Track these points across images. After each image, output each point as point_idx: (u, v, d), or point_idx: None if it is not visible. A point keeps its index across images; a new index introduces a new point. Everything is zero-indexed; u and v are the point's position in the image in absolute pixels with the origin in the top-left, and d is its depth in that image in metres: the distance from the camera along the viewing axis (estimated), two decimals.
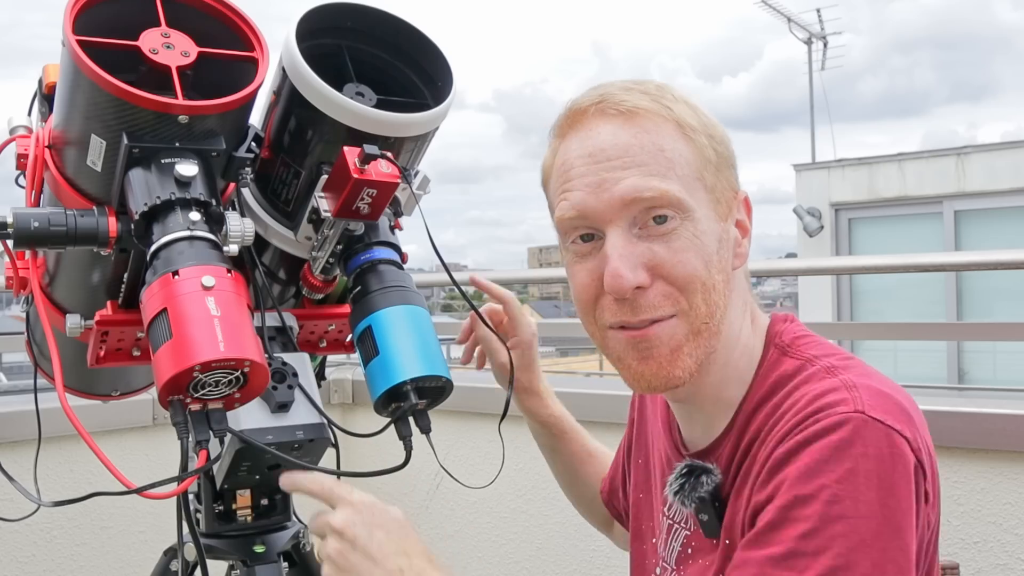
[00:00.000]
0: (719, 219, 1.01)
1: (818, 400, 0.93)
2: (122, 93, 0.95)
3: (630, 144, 0.98)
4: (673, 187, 0.97)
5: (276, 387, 1.10)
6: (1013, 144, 9.01)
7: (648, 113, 0.99)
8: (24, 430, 1.87)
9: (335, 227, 1.10)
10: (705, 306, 0.99)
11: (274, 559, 1.23)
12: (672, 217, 0.97)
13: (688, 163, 0.99)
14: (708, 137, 1.00)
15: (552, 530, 2.28)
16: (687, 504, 1.02)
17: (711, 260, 0.99)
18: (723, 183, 1.02)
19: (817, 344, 1.04)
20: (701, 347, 1.00)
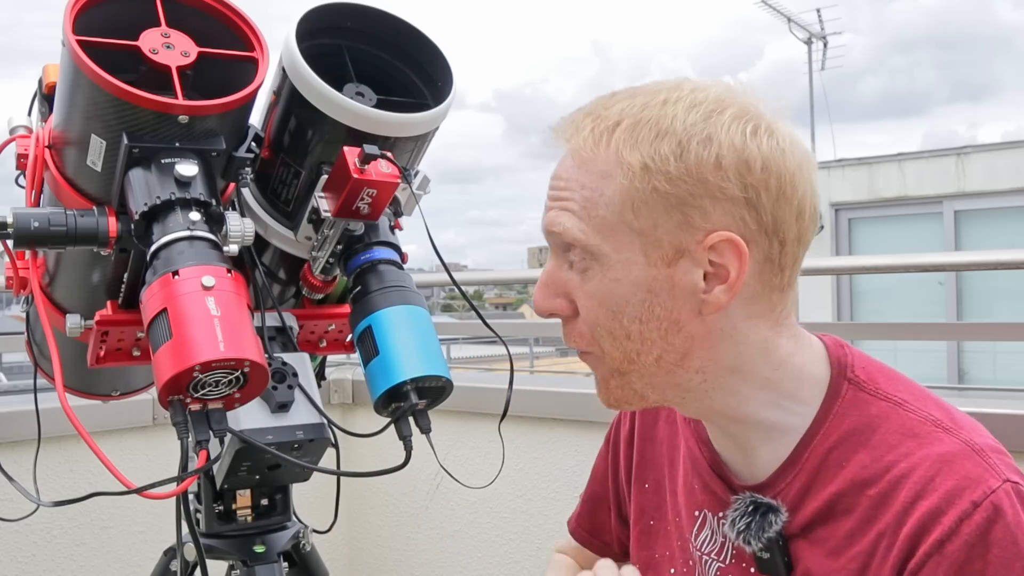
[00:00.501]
0: (652, 264, 0.92)
1: (953, 472, 0.88)
2: (122, 93, 0.95)
3: (563, 179, 0.96)
4: (579, 229, 0.93)
5: (276, 387, 1.10)
6: (1013, 144, 9.01)
7: (584, 151, 0.94)
8: (24, 430, 1.86)
9: (335, 227, 1.10)
10: (618, 352, 0.95)
11: (274, 559, 1.23)
12: (585, 258, 0.94)
13: (608, 204, 0.92)
14: (658, 173, 0.89)
15: (552, 530, 2.28)
16: (751, 543, 0.97)
17: (622, 309, 0.93)
18: (670, 223, 0.90)
19: (895, 381, 0.98)
20: (635, 383, 0.97)
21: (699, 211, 0.90)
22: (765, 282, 0.94)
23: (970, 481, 0.87)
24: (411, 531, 2.52)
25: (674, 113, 0.91)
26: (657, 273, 0.92)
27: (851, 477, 0.93)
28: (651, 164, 0.90)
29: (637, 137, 0.91)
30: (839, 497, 0.94)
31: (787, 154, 0.91)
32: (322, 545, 1.37)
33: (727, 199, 0.90)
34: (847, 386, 0.97)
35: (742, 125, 0.90)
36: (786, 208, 0.91)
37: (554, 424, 2.25)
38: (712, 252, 0.91)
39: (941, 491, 0.87)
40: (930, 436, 0.91)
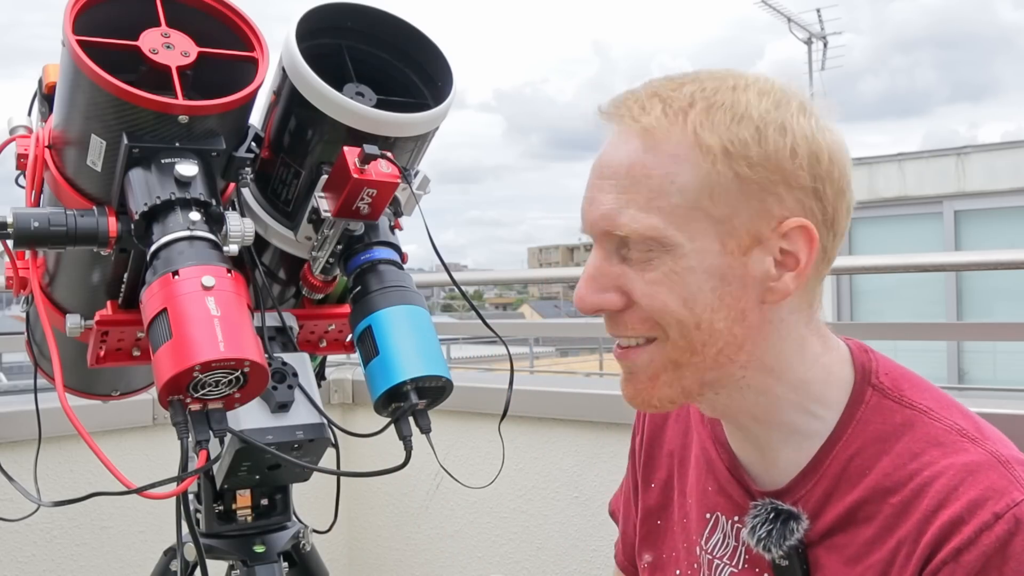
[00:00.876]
0: (728, 252, 0.90)
1: (978, 482, 0.86)
2: (122, 93, 0.95)
3: (621, 163, 0.91)
4: (647, 223, 0.89)
5: (276, 387, 1.10)
6: (1013, 144, 9.02)
7: (655, 130, 0.90)
8: (24, 430, 1.86)
9: (335, 227, 1.10)
10: (684, 340, 0.92)
11: (274, 559, 1.23)
12: (647, 251, 0.90)
13: (682, 191, 0.89)
14: (738, 157, 0.88)
15: (552, 530, 2.28)
16: (772, 551, 0.95)
17: (695, 298, 0.90)
18: (748, 210, 0.89)
19: (921, 388, 0.96)
20: (687, 377, 0.94)
21: (776, 198, 0.89)
22: (817, 273, 0.94)
23: (994, 492, 0.86)
24: (411, 531, 2.52)
25: (747, 99, 0.90)
26: (732, 261, 0.90)
27: (873, 484, 0.92)
28: (731, 148, 0.88)
29: (714, 120, 0.89)
30: (860, 504, 0.92)
31: (843, 148, 0.93)
32: (322, 545, 1.37)
33: (800, 188, 0.90)
34: (871, 392, 0.96)
35: (808, 117, 0.91)
36: (843, 201, 0.93)
37: (554, 424, 2.25)
38: (784, 239, 0.90)
39: (964, 500, 0.86)
40: (955, 445, 0.90)
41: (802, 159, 0.89)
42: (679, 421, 1.15)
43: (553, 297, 54.93)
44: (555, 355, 17.76)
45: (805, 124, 0.90)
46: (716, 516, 1.05)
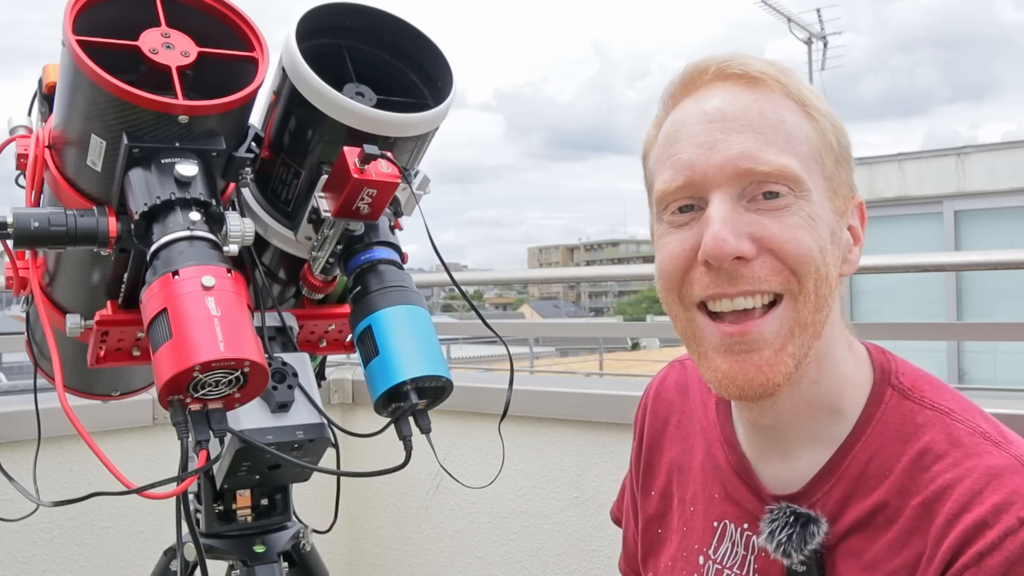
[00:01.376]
0: (835, 210, 0.91)
1: (1003, 486, 0.84)
2: (122, 93, 0.95)
3: (750, 108, 0.89)
4: (791, 162, 0.88)
5: (276, 387, 1.10)
6: (1013, 144, 9.02)
7: (772, 82, 0.91)
8: (24, 430, 1.87)
9: (335, 227, 1.09)
10: (815, 295, 0.88)
11: (274, 559, 1.23)
12: (785, 194, 0.88)
13: (808, 140, 0.90)
14: (832, 124, 0.92)
15: (552, 530, 2.28)
16: (792, 556, 0.91)
17: (825, 247, 0.88)
18: (841, 176, 0.92)
19: (942, 391, 0.94)
20: (803, 347, 0.90)
21: (850, 170, 0.94)
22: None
23: (1019, 497, 0.84)
24: (411, 531, 2.52)
25: (801, 79, 0.94)
26: (835, 220, 0.92)
27: (894, 486, 0.89)
28: (830, 116, 0.92)
29: (808, 89, 0.93)
30: (881, 507, 0.90)
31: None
32: (322, 545, 1.37)
33: (852, 167, 0.95)
34: (891, 392, 0.94)
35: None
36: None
37: (554, 424, 2.25)
38: (852, 214, 0.94)
39: (988, 504, 0.84)
40: (979, 448, 0.88)
41: (846, 136, 0.93)
42: (679, 428, 1.13)
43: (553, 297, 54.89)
44: (555, 355, 17.76)
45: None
46: (724, 524, 1.02)
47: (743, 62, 0.92)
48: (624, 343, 20.37)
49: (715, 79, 0.92)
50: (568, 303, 58.88)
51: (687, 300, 0.92)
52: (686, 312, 0.92)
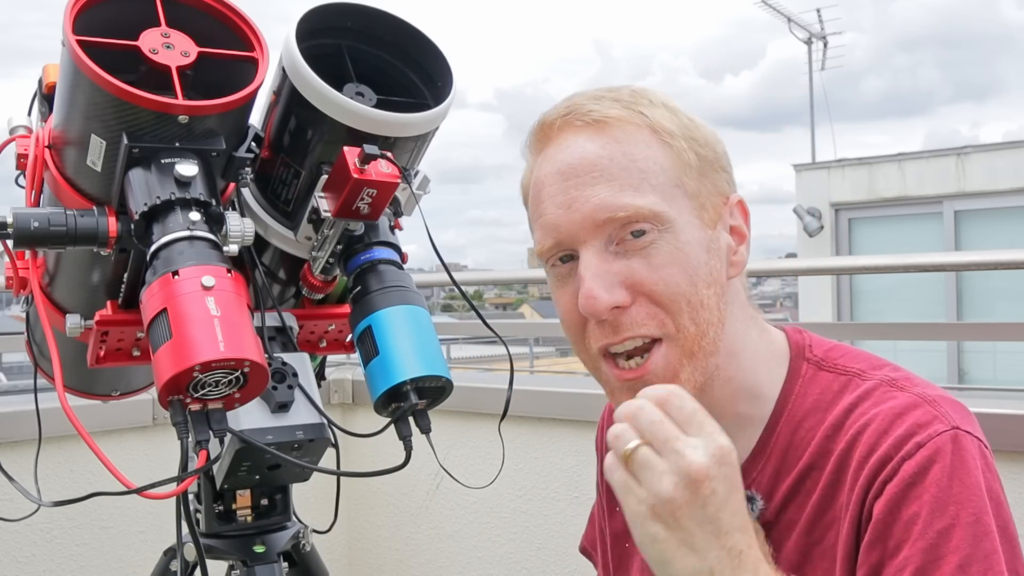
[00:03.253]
0: (705, 226, 0.94)
1: (905, 420, 0.89)
2: (122, 93, 0.95)
3: (599, 157, 0.93)
4: (646, 200, 0.92)
5: (276, 387, 1.10)
6: (1013, 144, 9.02)
7: (618, 121, 0.94)
8: (24, 430, 1.86)
9: (335, 227, 1.09)
10: (694, 326, 0.92)
11: (274, 559, 1.23)
12: (649, 230, 0.92)
13: (664, 170, 0.93)
14: (688, 140, 0.95)
15: (552, 530, 2.28)
16: None
17: (697, 273, 0.92)
18: (708, 188, 0.96)
19: (853, 355, 0.98)
20: (699, 369, 0.94)
21: (720, 176, 0.97)
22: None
23: (918, 427, 0.88)
24: (411, 531, 2.52)
25: (662, 99, 0.98)
26: (710, 234, 0.95)
27: (816, 449, 0.94)
28: (686, 132, 0.95)
29: (658, 112, 0.95)
30: (808, 471, 0.94)
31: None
32: (322, 545, 1.37)
33: (723, 169, 0.98)
34: (806, 366, 0.99)
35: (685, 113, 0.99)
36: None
37: (554, 424, 2.25)
38: (731, 215, 0.98)
39: (891, 438, 0.88)
40: (885, 395, 0.93)
41: (715, 144, 0.98)
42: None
43: None
44: (555, 355, 17.75)
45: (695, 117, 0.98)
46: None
47: (586, 110, 0.95)
48: None
49: (563, 130, 0.97)
50: None
51: (590, 349, 0.98)
52: (591, 359, 0.99)
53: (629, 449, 0.76)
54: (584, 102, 0.97)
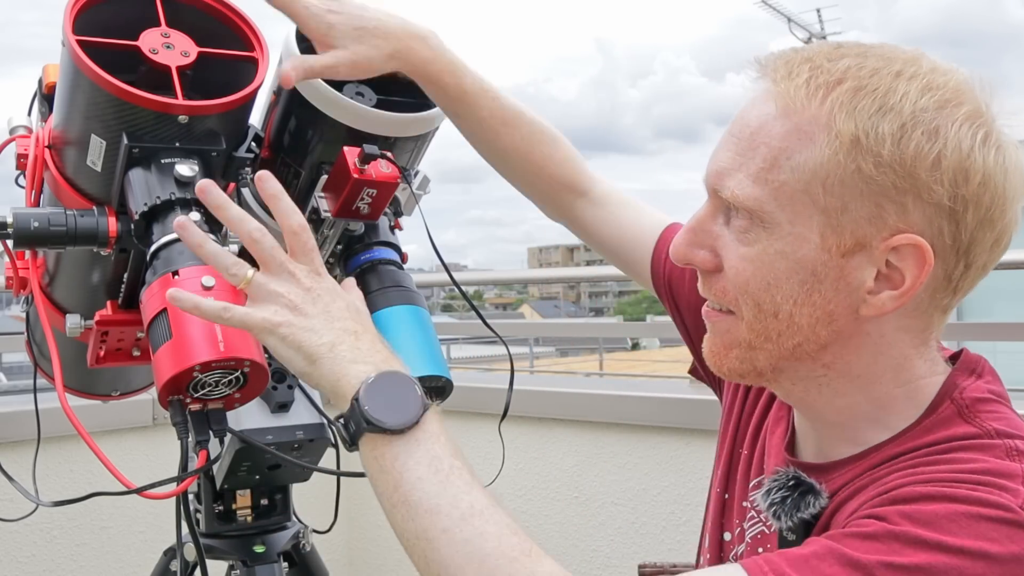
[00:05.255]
0: (826, 248, 0.82)
1: (987, 474, 0.77)
2: (122, 93, 0.95)
3: (748, 125, 0.85)
4: (754, 192, 0.83)
5: (276, 387, 1.10)
6: None
7: (793, 100, 0.83)
8: (24, 430, 1.86)
9: (335, 227, 1.10)
10: (759, 325, 0.86)
11: (274, 559, 1.23)
12: (746, 220, 0.84)
13: (801, 171, 0.81)
14: (870, 155, 0.79)
15: (552, 530, 2.28)
16: (782, 520, 0.88)
17: (778, 284, 0.84)
18: (861, 212, 0.81)
19: (1004, 417, 0.86)
20: (759, 359, 0.88)
21: (897, 207, 0.80)
22: (934, 300, 0.86)
23: (996, 484, 0.77)
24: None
25: (906, 90, 0.80)
26: (829, 259, 0.83)
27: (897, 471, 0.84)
28: (864, 140, 0.79)
29: (857, 104, 0.80)
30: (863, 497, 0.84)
31: (1009, 175, 0.82)
32: (322, 545, 1.37)
33: (932, 203, 0.80)
34: (948, 404, 0.87)
35: (974, 128, 0.80)
36: (988, 232, 0.83)
37: (554, 424, 2.25)
38: (893, 254, 0.82)
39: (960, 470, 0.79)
40: (994, 452, 0.81)
41: (944, 173, 0.79)
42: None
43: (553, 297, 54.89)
44: (555, 355, 17.76)
45: (966, 135, 0.79)
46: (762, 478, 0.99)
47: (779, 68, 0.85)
48: (624, 343, 20.38)
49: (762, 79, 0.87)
50: (568, 303, 58.93)
51: None
52: None
53: (249, 276, 0.87)
54: (791, 61, 0.85)
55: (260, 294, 0.87)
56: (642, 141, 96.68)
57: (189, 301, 0.86)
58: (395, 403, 0.83)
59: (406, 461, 0.82)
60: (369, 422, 0.82)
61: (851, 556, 0.73)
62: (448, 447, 0.84)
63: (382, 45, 1.05)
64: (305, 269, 0.89)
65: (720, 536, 1.06)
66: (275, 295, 0.87)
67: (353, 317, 0.89)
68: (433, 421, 0.85)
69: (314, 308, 0.87)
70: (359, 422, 0.83)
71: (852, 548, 0.74)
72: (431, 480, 0.81)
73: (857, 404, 0.89)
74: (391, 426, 0.82)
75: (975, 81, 0.83)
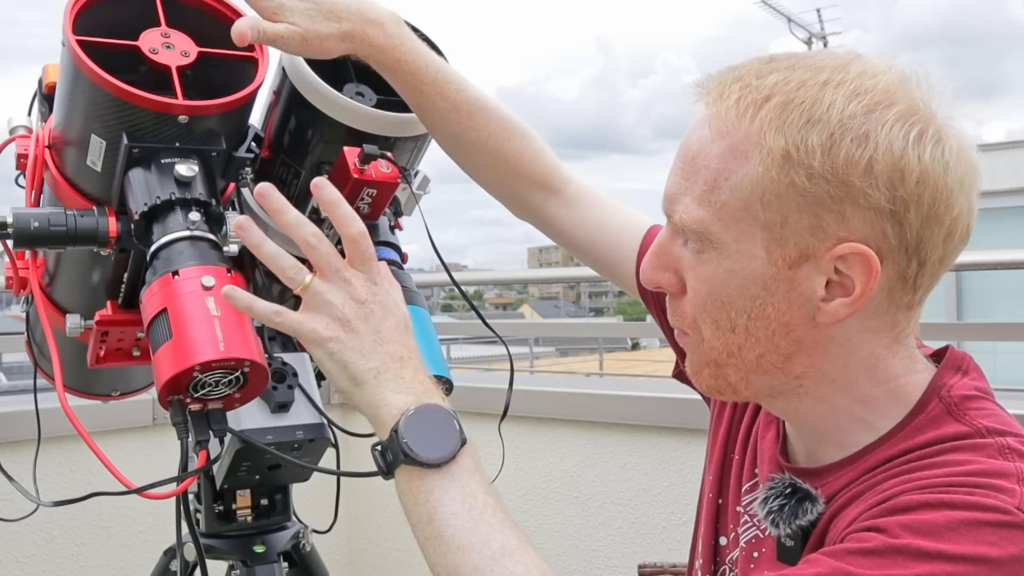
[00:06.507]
0: (772, 262, 0.83)
1: (982, 476, 0.78)
2: (122, 93, 0.95)
3: (690, 149, 0.86)
4: (699, 214, 0.84)
5: (276, 387, 1.10)
6: (1014, 144, 9.03)
7: (725, 122, 0.84)
8: (24, 430, 1.86)
9: None
10: (719, 343, 0.87)
11: (274, 559, 1.23)
12: (700, 241, 0.86)
13: (740, 190, 0.82)
14: (802, 167, 0.80)
15: (552, 530, 2.28)
16: (780, 527, 0.88)
17: (732, 301, 0.85)
18: (801, 225, 0.81)
19: (993, 414, 0.86)
20: (730, 375, 0.89)
21: (836, 215, 0.81)
22: (893, 299, 0.85)
23: (991, 486, 0.77)
24: (411, 531, 2.52)
25: (832, 99, 0.80)
26: (776, 272, 0.84)
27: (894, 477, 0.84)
28: (794, 154, 0.80)
29: (785, 119, 0.81)
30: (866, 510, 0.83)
31: (950, 168, 0.81)
32: (322, 545, 1.37)
33: (870, 208, 0.80)
34: (936, 403, 0.87)
35: (906, 127, 0.80)
36: (935, 228, 0.82)
37: (554, 424, 2.25)
38: (840, 261, 0.82)
39: (956, 473, 0.79)
40: (987, 452, 0.81)
41: (879, 177, 0.79)
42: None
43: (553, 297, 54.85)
44: (555, 355, 17.75)
45: (897, 135, 0.79)
46: (756, 481, 1.00)
47: (712, 90, 0.86)
48: (624, 343, 20.37)
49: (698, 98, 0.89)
50: (568, 303, 58.89)
51: None
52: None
53: (307, 282, 0.88)
54: (724, 82, 0.85)
55: (314, 302, 0.88)
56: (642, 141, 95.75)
57: (243, 300, 0.87)
58: (433, 437, 0.86)
59: (440, 496, 0.85)
60: (406, 454, 0.85)
61: (856, 574, 0.74)
62: (482, 484, 0.87)
63: (335, 26, 1.04)
64: (362, 277, 0.89)
65: (714, 541, 1.06)
66: (328, 305, 0.87)
67: (401, 339, 0.90)
68: (469, 456, 0.88)
69: (365, 326, 0.88)
70: (397, 453, 0.85)
71: (856, 565, 0.75)
72: (464, 517, 0.84)
73: (839, 406, 0.89)
74: (428, 460, 0.85)
75: (912, 79, 0.83)
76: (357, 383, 0.87)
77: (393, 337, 0.89)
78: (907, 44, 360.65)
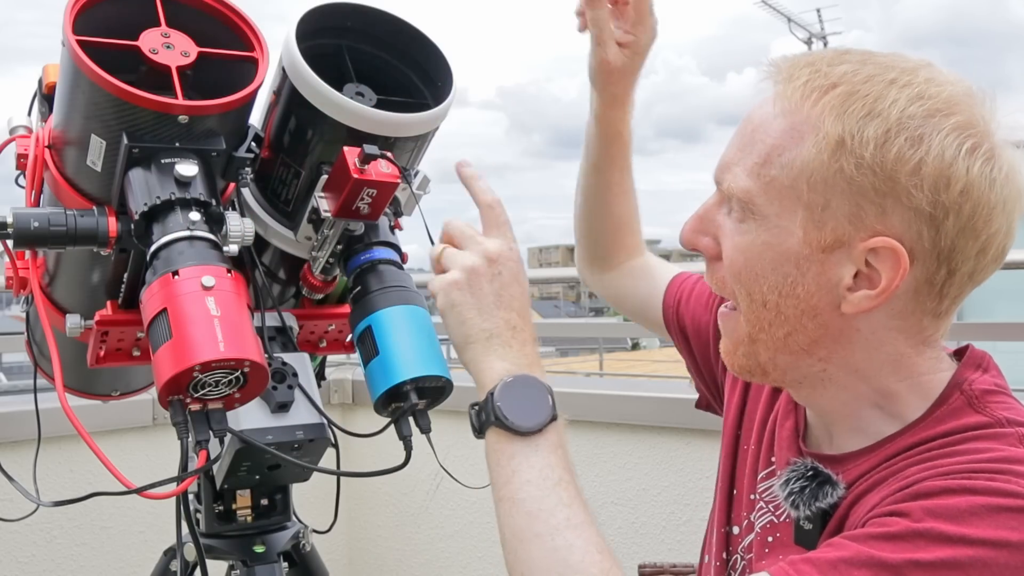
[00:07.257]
0: (807, 243, 0.86)
1: (1003, 463, 0.80)
2: (122, 93, 0.95)
3: (751, 122, 0.90)
4: (746, 184, 0.87)
5: (276, 387, 1.10)
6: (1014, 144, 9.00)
7: (790, 101, 0.87)
8: (24, 430, 1.86)
9: (335, 227, 1.09)
10: (752, 315, 0.90)
11: (274, 559, 1.24)
12: (744, 210, 0.89)
13: (790, 168, 0.85)
14: (852, 156, 0.82)
15: None
16: (800, 509, 0.90)
17: (765, 274, 0.88)
18: (842, 211, 0.84)
19: (1012, 408, 0.89)
20: (761, 353, 0.91)
21: (876, 208, 0.83)
22: (919, 303, 0.88)
23: (1013, 472, 0.79)
24: (411, 531, 2.52)
25: (896, 97, 0.83)
26: (810, 253, 0.86)
27: (915, 465, 0.85)
28: (848, 142, 0.82)
29: (847, 108, 0.83)
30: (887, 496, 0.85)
31: (996, 186, 0.83)
32: (322, 545, 1.37)
33: (911, 207, 0.82)
34: (957, 395, 0.90)
35: (961, 138, 0.82)
36: (970, 240, 0.84)
37: None
38: (871, 254, 0.84)
39: (977, 460, 0.81)
40: (1008, 441, 0.84)
41: (924, 179, 0.81)
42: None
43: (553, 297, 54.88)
44: (555, 355, 17.76)
45: (951, 144, 0.82)
46: (774, 467, 1.02)
47: (782, 70, 0.89)
48: (624, 343, 20.38)
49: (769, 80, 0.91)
50: (568, 303, 58.89)
51: None
52: None
53: (438, 251, 0.98)
54: (795, 64, 0.89)
55: (449, 262, 0.97)
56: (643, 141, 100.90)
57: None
58: (525, 407, 0.91)
59: (521, 462, 0.89)
60: (497, 417, 0.90)
61: (880, 558, 0.76)
62: (563, 460, 0.90)
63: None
64: (497, 241, 0.96)
65: (726, 531, 1.08)
66: (463, 256, 0.96)
67: (519, 309, 0.95)
68: (556, 432, 0.91)
69: (490, 286, 0.94)
70: (489, 415, 0.91)
71: (880, 550, 0.77)
72: (538, 486, 0.87)
73: (862, 395, 0.92)
74: (516, 427, 0.89)
75: (978, 95, 0.86)
76: (468, 340, 0.94)
77: (512, 305, 0.94)
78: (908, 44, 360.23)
